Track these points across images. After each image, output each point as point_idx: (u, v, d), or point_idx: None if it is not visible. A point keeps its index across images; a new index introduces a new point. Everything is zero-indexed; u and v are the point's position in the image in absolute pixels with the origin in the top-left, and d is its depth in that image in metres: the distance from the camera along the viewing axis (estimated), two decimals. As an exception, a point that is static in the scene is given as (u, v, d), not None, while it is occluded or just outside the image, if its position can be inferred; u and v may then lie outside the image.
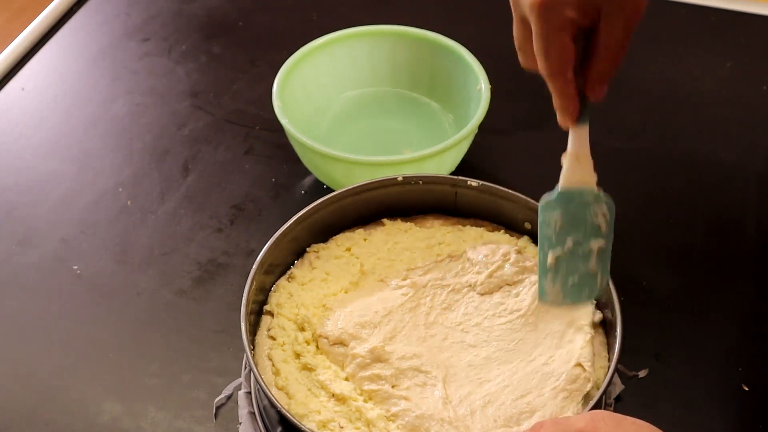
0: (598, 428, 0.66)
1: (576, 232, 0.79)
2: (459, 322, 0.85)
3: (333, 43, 1.13)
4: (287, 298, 0.88)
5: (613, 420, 0.67)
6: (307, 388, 0.82)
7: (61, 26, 1.33)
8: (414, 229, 0.94)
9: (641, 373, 0.91)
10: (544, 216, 0.79)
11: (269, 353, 0.84)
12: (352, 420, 0.79)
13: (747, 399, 0.90)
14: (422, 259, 0.90)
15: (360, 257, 0.91)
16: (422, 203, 0.95)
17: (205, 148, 1.16)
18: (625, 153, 1.14)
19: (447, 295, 0.87)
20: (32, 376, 0.93)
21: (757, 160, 1.12)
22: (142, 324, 0.97)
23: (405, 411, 0.79)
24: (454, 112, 1.13)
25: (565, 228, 0.79)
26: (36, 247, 1.05)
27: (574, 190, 0.79)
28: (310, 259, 0.92)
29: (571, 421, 0.67)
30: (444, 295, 0.87)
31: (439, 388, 0.80)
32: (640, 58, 1.25)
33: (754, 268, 1.01)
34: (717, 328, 0.95)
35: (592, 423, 0.66)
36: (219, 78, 1.25)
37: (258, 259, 0.85)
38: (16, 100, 1.23)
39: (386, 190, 0.94)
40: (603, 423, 0.66)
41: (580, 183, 0.79)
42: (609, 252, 0.80)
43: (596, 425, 0.66)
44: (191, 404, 0.90)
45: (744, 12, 1.31)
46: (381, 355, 0.82)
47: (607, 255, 0.80)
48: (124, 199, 1.09)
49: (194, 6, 1.36)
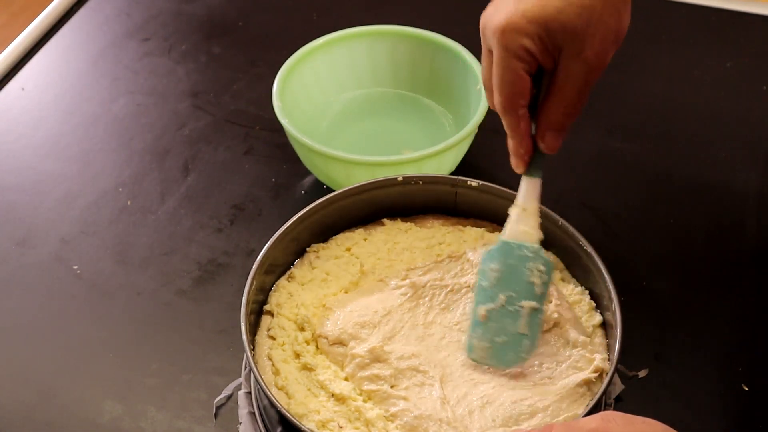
0: (610, 429, 0.65)
1: (510, 289, 0.78)
2: (457, 322, 0.85)
3: (333, 43, 1.13)
4: (287, 298, 0.88)
5: (624, 420, 0.66)
6: (306, 388, 0.82)
7: (61, 26, 1.33)
8: (414, 229, 0.94)
9: (641, 373, 0.91)
10: (483, 266, 0.79)
11: (269, 353, 0.84)
12: (351, 420, 0.79)
13: (747, 399, 0.90)
14: (422, 260, 0.90)
15: (360, 257, 0.91)
16: (422, 203, 0.95)
17: (205, 148, 1.16)
18: (625, 153, 1.14)
19: (446, 295, 0.87)
20: (32, 376, 0.93)
21: (757, 160, 1.12)
22: (142, 324, 0.97)
23: (404, 411, 0.79)
24: (454, 112, 1.13)
25: (501, 282, 0.79)
26: (36, 247, 1.05)
27: (513, 243, 0.79)
28: (310, 259, 0.92)
29: (581, 423, 0.66)
30: (443, 295, 0.87)
31: (437, 388, 0.80)
32: (640, 58, 1.25)
33: (754, 268, 1.01)
34: (717, 328, 0.95)
35: (603, 423, 0.65)
36: (219, 78, 1.25)
37: (258, 259, 0.85)
38: (16, 100, 1.23)
39: (386, 190, 0.94)
40: (614, 423, 0.65)
41: (523, 237, 0.79)
42: (541, 318, 0.79)
43: (607, 426, 0.65)
44: (191, 404, 0.90)
45: (744, 12, 1.31)
46: (380, 355, 0.82)
47: (537, 319, 0.79)
48: (124, 199, 1.10)
49: (194, 6, 1.37)
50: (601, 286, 0.84)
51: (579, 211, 1.06)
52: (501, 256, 0.79)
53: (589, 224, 1.04)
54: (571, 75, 0.72)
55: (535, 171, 0.77)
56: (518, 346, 0.79)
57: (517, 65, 0.72)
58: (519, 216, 0.79)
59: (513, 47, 0.72)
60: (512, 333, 0.79)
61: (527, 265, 0.78)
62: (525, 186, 0.78)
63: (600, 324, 0.86)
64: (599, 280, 0.84)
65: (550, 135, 0.75)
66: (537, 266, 0.78)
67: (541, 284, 0.79)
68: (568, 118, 0.74)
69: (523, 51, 0.72)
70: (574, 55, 0.71)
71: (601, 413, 0.67)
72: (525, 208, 0.79)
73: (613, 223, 1.05)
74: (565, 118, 0.74)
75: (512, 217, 0.79)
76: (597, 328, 0.85)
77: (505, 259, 0.79)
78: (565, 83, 0.73)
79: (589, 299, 0.87)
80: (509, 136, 0.77)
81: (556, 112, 0.74)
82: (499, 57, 0.73)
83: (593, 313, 0.86)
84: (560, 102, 0.73)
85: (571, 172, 1.11)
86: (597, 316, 0.86)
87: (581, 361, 0.81)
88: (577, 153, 1.14)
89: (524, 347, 0.79)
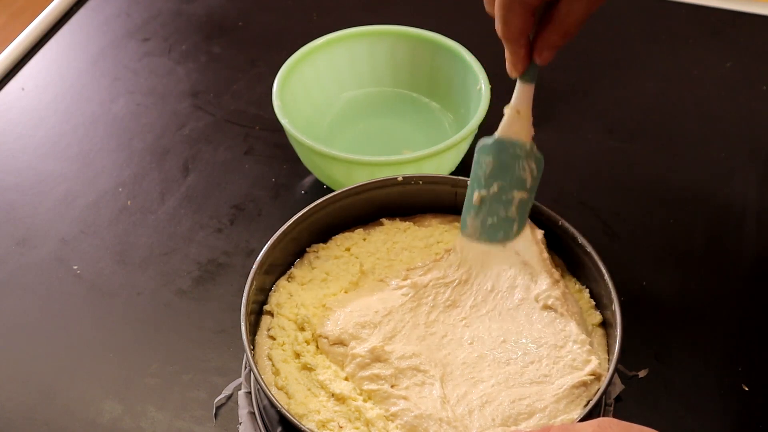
0: None
1: (503, 179, 0.85)
2: (463, 317, 0.85)
3: (333, 43, 1.13)
4: (287, 298, 0.88)
5: (621, 427, 0.66)
6: (306, 388, 0.82)
7: (61, 26, 1.33)
8: (413, 228, 0.94)
9: (641, 373, 0.91)
10: (479, 157, 0.86)
11: (269, 353, 0.84)
12: (351, 420, 0.79)
13: (747, 399, 0.90)
14: (421, 259, 0.90)
15: (359, 257, 0.91)
16: (422, 203, 0.95)
17: (205, 148, 1.16)
18: (625, 153, 1.14)
19: (453, 290, 0.87)
20: (32, 376, 0.93)
21: (757, 160, 1.12)
22: (142, 324, 0.97)
23: (404, 411, 0.79)
24: (454, 112, 1.13)
25: (495, 173, 0.85)
26: (36, 247, 1.05)
27: (508, 141, 0.85)
28: (309, 259, 0.92)
29: (578, 427, 0.67)
30: (449, 292, 0.87)
31: (437, 387, 0.80)
32: (640, 58, 1.25)
33: (754, 268, 1.01)
34: (717, 328, 0.95)
35: (599, 430, 0.66)
36: (219, 78, 1.25)
37: (258, 259, 0.85)
38: (16, 100, 1.23)
39: (386, 190, 0.94)
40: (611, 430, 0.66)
41: (516, 135, 0.84)
42: (530, 204, 0.86)
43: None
44: (191, 404, 0.90)
45: (744, 12, 1.31)
46: (380, 355, 0.82)
47: (526, 206, 0.86)
48: (124, 199, 1.10)
49: (194, 6, 1.37)
50: (600, 286, 0.84)
51: (579, 211, 1.06)
52: (495, 151, 0.85)
53: (589, 224, 1.04)
54: (573, 9, 0.76)
55: (529, 77, 0.82)
56: (509, 228, 0.87)
57: (525, 9, 0.76)
58: (513, 117, 0.84)
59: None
60: (503, 217, 0.86)
61: (520, 162, 0.85)
62: (520, 90, 0.83)
63: (600, 323, 0.86)
64: (599, 280, 0.84)
65: (548, 52, 0.79)
66: (529, 163, 0.85)
67: (531, 179, 0.85)
68: (566, 40, 0.78)
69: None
70: None
71: (598, 420, 0.67)
72: (519, 111, 0.83)
73: (613, 223, 1.05)
74: (563, 40, 0.78)
75: (506, 117, 0.84)
76: (597, 327, 0.85)
77: (499, 154, 0.85)
78: (567, 16, 0.76)
79: (588, 297, 0.87)
80: (507, 54, 0.80)
81: (555, 37, 0.78)
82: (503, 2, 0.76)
83: (593, 312, 0.86)
84: (560, 30, 0.77)
85: (571, 172, 1.11)
86: (597, 315, 0.86)
87: (578, 361, 0.81)
88: (577, 153, 1.14)
89: (513, 229, 0.87)
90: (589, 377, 0.79)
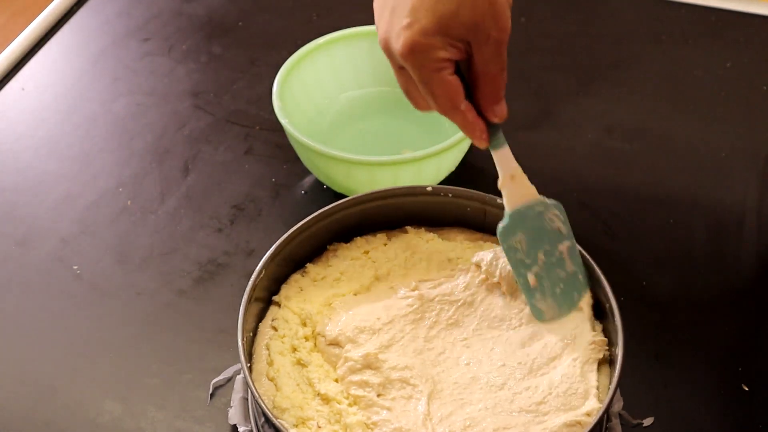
0: None
1: (541, 244, 0.82)
2: (465, 338, 0.84)
3: (333, 43, 1.13)
4: (297, 292, 0.88)
5: None
6: (296, 383, 0.81)
7: (61, 26, 1.33)
8: (436, 240, 0.92)
9: (646, 422, 0.87)
10: (508, 243, 0.81)
11: (268, 342, 0.85)
12: (331, 422, 0.79)
13: (747, 399, 0.90)
14: (437, 271, 0.89)
15: (376, 261, 0.91)
16: (451, 217, 0.93)
17: (205, 148, 1.16)
18: (625, 153, 1.14)
19: (456, 310, 0.86)
20: (32, 376, 0.93)
21: (757, 160, 1.12)
22: (142, 324, 0.97)
23: (384, 421, 0.78)
24: (454, 112, 1.13)
25: (531, 244, 0.81)
26: (36, 247, 1.05)
27: (523, 208, 0.81)
28: (327, 257, 0.91)
29: None
30: (452, 311, 0.86)
31: (423, 403, 0.79)
32: (640, 58, 1.25)
33: (753, 267, 1.01)
34: (717, 328, 0.95)
35: None
36: (219, 78, 1.25)
37: (271, 249, 0.85)
38: (16, 100, 1.23)
39: (412, 199, 0.92)
40: None
41: (524, 198, 0.81)
42: (576, 248, 0.83)
43: None
44: (191, 404, 0.90)
45: (744, 12, 1.31)
46: (373, 362, 0.82)
47: (575, 251, 0.83)
48: (124, 199, 1.10)
49: (195, 6, 1.37)
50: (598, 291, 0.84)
51: (578, 211, 1.06)
52: (518, 224, 0.81)
53: (589, 224, 1.04)
54: (488, 57, 0.74)
55: (498, 141, 0.80)
56: (577, 282, 0.83)
57: (442, 75, 0.75)
58: (511, 185, 0.81)
59: (428, 64, 0.74)
60: (565, 277, 0.82)
61: (544, 217, 0.82)
62: (498, 158, 0.81)
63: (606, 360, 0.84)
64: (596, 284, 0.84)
65: (496, 108, 0.78)
66: (553, 213, 0.82)
67: (562, 224, 0.82)
68: (501, 87, 0.77)
69: (440, 61, 0.74)
70: (484, 41, 0.74)
71: None
72: (513, 176, 0.81)
73: (613, 223, 1.05)
74: (500, 89, 0.77)
75: (506, 191, 0.82)
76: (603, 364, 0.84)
77: (524, 224, 0.81)
78: (486, 65, 0.75)
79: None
80: (461, 126, 0.78)
81: (490, 90, 0.76)
82: (420, 75, 0.75)
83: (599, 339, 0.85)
84: (489, 80, 0.76)
85: (571, 172, 1.11)
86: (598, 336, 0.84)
87: (575, 398, 0.79)
88: (576, 152, 1.14)
89: (581, 280, 0.83)
90: (584, 418, 0.77)
